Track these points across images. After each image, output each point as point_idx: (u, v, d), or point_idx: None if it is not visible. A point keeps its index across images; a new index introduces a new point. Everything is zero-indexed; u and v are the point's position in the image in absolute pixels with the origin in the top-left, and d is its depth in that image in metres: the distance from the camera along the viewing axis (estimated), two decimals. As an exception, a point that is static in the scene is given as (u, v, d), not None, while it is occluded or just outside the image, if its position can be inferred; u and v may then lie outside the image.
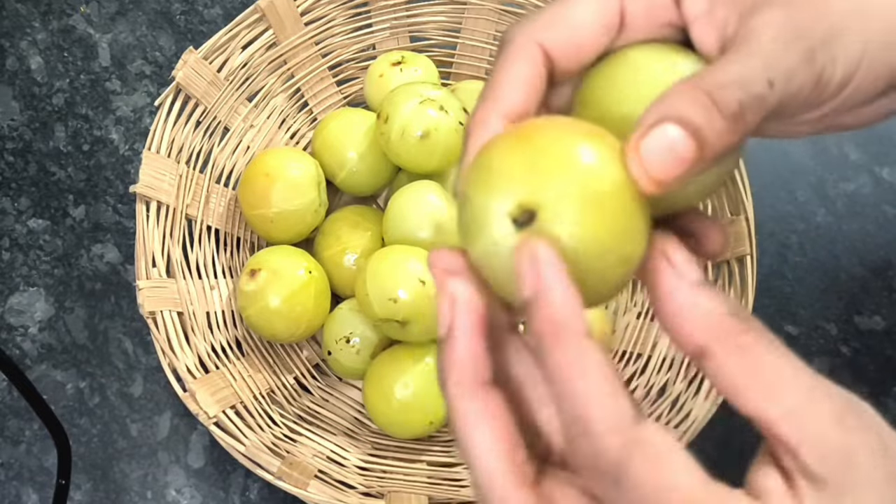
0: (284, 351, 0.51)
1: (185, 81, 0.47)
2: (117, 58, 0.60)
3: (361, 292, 0.45)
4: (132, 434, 0.51)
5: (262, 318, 0.47)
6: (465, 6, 0.55)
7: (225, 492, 0.49)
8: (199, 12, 0.61)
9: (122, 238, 0.55)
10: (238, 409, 0.44)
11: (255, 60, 0.51)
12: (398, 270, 0.44)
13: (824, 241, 0.56)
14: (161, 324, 0.44)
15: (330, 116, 0.53)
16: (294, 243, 0.51)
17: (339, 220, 0.51)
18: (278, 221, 0.49)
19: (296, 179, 0.49)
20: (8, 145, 0.57)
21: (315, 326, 0.49)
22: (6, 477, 0.50)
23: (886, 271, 0.55)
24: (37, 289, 0.54)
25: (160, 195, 0.46)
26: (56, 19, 0.60)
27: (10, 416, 0.51)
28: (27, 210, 0.56)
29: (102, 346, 0.53)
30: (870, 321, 0.54)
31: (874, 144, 0.58)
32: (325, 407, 0.50)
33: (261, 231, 0.51)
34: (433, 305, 0.43)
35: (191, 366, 0.44)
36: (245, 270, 0.48)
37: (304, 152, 0.52)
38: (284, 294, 0.46)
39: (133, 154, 0.57)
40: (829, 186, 0.57)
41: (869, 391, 0.52)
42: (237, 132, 0.52)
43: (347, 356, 0.48)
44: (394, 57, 0.53)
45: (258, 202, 0.49)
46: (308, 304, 0.47)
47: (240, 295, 0.48)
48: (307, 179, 0.49)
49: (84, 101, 0.58)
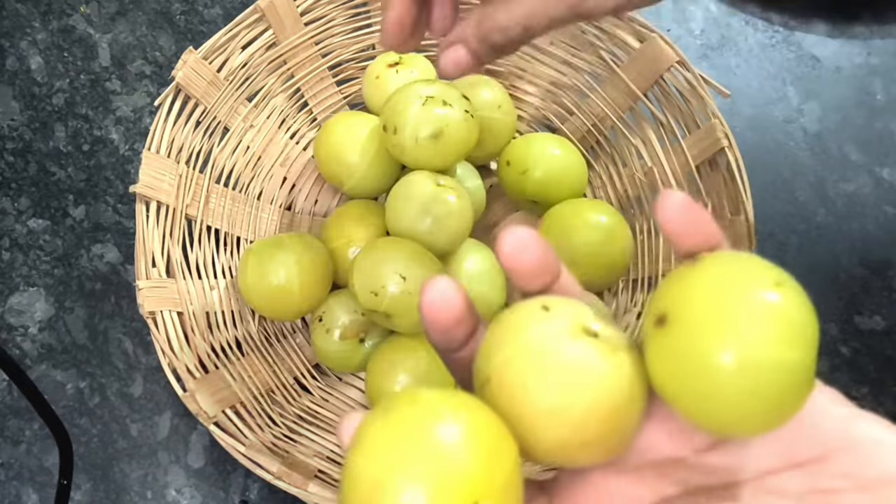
0: (284, 351, 0.51)
1: (185, 81, 0.47)
2: (117, 58, 0.60)
3: (351, 283, 0.46)
4: (132, 434, 0.51)
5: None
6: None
7: (225, 492, 0.49)
8: (199, 12, 0.61)
9: (122, 238, 0.55)
10: (238, 409, 0.44)
11: (255, 60, 0.51)
12: (381, 264, 0.44)
13: (824, 241, 0.56)
14: (161, 324, 0.44)
15: (331, 123, 0.52)
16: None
17: (345, 214, 0.51)
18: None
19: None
20: (8, 145, 0.57)
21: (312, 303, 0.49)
22: (6, 477, 0.50)
23: (886, 271, 0.55)
24: (37, 289, 0.54)
25: (160, 195, 0.46)
26: (56, 19, 0.61)
27: (11, 416, 0.51)
28: (27, 210, 0.56)
29: (102, 346, 0.53)
30: (870, 321, 0.54)
31: (874, 144, 0.58)
32: (325, 407, 0.50)
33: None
34: (413, 301, 0.44)
35: (191, 366, 0.44)
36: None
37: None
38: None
39: (133, 154, 0.57)
40: (829, 186, 0.57)
41: (869, 391, 0.52)
42: (237, 132, 0.52)
43: (319, 335, 0.49)
44: (391, 58, 0.53)
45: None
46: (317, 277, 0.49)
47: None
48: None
49: (84, 101, 0.58)
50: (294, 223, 0.56)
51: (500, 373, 0.21)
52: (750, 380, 0.19)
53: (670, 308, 0.21)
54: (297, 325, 0.53)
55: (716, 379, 0.19)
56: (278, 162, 0.55)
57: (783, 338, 0.19)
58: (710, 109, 0.48)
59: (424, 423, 0.19)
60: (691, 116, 0.49)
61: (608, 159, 0.55)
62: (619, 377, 0.21)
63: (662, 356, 0.21)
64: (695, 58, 0.60)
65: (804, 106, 0.59)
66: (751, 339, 0.19)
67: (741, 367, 0.19)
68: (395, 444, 0.19)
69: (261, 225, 0.54)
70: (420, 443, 0.19)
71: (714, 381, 0.20)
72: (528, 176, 0.52)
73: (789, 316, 0.20)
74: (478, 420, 0.20)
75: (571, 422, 0.21)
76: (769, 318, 0.19)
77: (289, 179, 0.56)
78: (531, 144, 0.53)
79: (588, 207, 0.51)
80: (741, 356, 0.19)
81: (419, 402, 0.20)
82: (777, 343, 0.19)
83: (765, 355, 0.19)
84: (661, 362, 0.21)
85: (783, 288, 0.20)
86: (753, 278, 0.20)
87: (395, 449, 0.19)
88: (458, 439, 0.19)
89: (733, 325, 0.19)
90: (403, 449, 0.19)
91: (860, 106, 0.59)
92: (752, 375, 0.19)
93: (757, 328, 0.19)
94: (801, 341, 0.20)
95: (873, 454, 0.21)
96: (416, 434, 0.19)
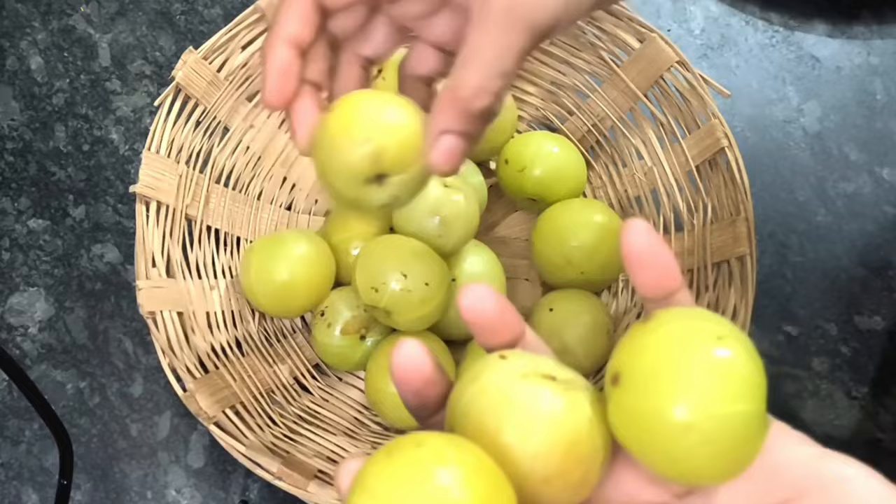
0: (284, 351, 0.51)
1: (185, 81, 0.47)
2: (117, 58, 0.60)
3: (353, 278, 0.46)
4: (132, 434, 0.51)
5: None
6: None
7: (225, 492, 0.49)
8: (199, 12, 0.61)
9: (122, 238, 0.55)
10: (238, 409, 0.44)
11: (255, 60, 0.51)
12: (383, 261, 0.45)
13: (824, 241, 0.56)
14: (161, 324, 0.44)
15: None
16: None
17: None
18: None
19: None
20: (8, 145, 0.57)
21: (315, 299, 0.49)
22: (6, 477, 0.50)
23: (886, 271, 0.55)
24: (37, 289, 0.54)
25: (160, 195, 0.46)
26: (56, 19, 0.61)
27: (10, 416, 0.51)
28: (27, 210, 0.56)
29: (102, 346, 0.53)
30: (870, 321, 0.54)
31: (874, 144, 0.58)
32: (324, 407, 0.50)
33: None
34: (412, 300, 0.44)
35: (191, 366, 0.44)
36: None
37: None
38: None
39: (133, 154, 0.57)
40: (829, 186, 0.57)
41: (869, 391, 0.52)
42: (237, 132, 0.52)
43: (320, 330, 0.49)
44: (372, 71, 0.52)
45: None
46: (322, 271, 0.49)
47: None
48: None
49: (84, 101, 0.58)
50: (294, 223, 0.56)
51: (462, 419, 0.22)
52: (701, 434, 0.20)
53: (624, 367, 0.22)
54: (297, 325, 0.53)
55: (668, 434, 0.20)
56: (278, 162, 0.55)
57: (730, 392, 0.20)
58: (710, 109, 0.48)
59: (429, 465, 0.20)
60: (691, 116, 0.49)
61: (608, 159, 0.55)
62: (575, 414, 0.22)
63: (619, 413, 0.22)
64: (695, 58, 0.60)
65: (804, 106, 0.59)
66: (698, 396, 0.20)
67: (691, 423, 0.20)
68: (400, 485, 0.20)
69: (261, 225, 0.54)
70: (425, 484, 0.20)
71: (667, 436, 0.20)
72: (526, 174, 0.52)
73: (735, 370, 0.20)
74: (480, 465, 0.20)
75: (529, 456, 0.21)
76: (715, 375, 0.20)
77: (289, 179, 0.56)
78: (529, 142, 0.53)
79: (582, 207, 0.51)
80: (690, 412, 0.20)
81: (424, 445, 0.21)
82: (724, 398, 0.20)
83: (714, 410, 0.20)
84: (618, 418, 0.22)
85: (727, 341, 0.21)
86: (699, 335, 0.21)
87: (400, 489, 0.20)
88: (461, 482, 0.20)
89: (681, 383, 0.20)
90: (409, 490, 0.20)
91: (860, 106, 0.59)
92: (703, 430, 0.20)
93: (703, 385, 0.20)
94: (748, 393, 0.20)
95: (844, 491, 0.21)
96: (421, 476, 0.20)
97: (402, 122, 0.30)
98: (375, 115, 0.29)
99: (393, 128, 0.29)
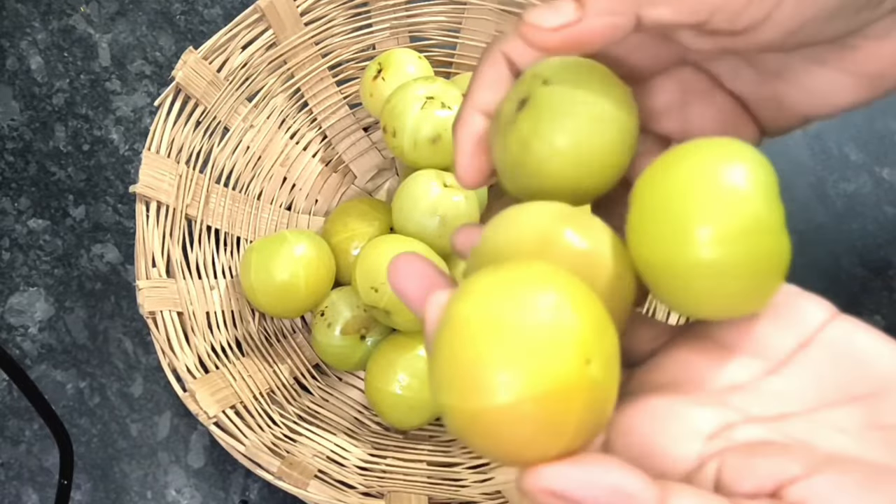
0: (284, 351, 0.51)
1: (185, 81, 0.47)
2: (117, 58, 0.60)
3: (354, 278, 0.46)
4: (132, 434, 0.51)
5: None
6: (465, 6, 0.55)
7: (225, 492, 0.49)
8: (199, 12, 0.61)
9: (122, 238, 0.55)
10: (238, 409, 0.44)
11: (255, 60, 0.51)
12: (382, 260, 0.45)
13: (824, 241, 0.56)
14: (161, 324, 0.44)
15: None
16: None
17: (349, 210, 0.52)
18: None
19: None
20: (8, 145, 0.57)
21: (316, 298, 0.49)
22: (6, 477, 0.50)
23: (886, 271, 0.55)
24: (37, 289, 0.54)
25: (160, 195, 0.46)
26: (56, 19, 0.61)
27: (10, 416, 0.51)
28: (27, 210, 0.56)
29: (102, 346, 0.53)
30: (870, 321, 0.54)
31: (874, 144, 0.58)
32: (325, 407, 0.50)
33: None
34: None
35: (191, 366, 0.44)
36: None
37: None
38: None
39: (133, 154, 0.57)
40: (829, 186, 0.57)
41: (869, 391, 0.52)
42: (237, 132, 0.52)
43: (320, 330, 0.49)
44: (372, 72, 0.52)
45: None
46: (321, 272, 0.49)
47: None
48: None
49: (84, 101, 0.58)
50: (294, 223, 0.56)
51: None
52: (728, 247, 0.22)
53: (645, 190, 0.23)
54: (297, 325, 0.53)
55: (693, 250, 0.21)
56: (278, 162, 0.55)
57: (757, 194, 0.22)
58: (710, 109, 0.48)
59: (539, 279, 0.19)
60: (691, 116, 0.49)
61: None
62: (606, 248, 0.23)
63: (640, 232, 0.22)
64: (695, 58, 0.60)
65: (804, 106, 0.59)
66: (721, 209, 0.22)
67: (716, 238, 0.21)
68: (510, 291, 0.19)
69: (261, 225, 0.54)
70: (537, 294, 0.19)
71: (692, 251, 0.21)
72: None
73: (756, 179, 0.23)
74: (586, 292, 0.20)
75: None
76: (732, 198, 0.22)
77: (289, 179, 0.56)
78: None
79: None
80: (716, 228, 0.22)
81: (532, 264, 0.20)
82: (750, 201, 0.22)
83: (739, 215, 0.22)
84: (639, 237, 0.22)
85: (744, 162, 0.23)
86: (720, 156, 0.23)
87: (510, 296, 0.19)
88: (571, 301, 0.19)
89: (700, 203, 0.22)
90: (520, 297, 0.19)
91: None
92: (729, 243, 0.22)
93: (724, 202, 0.22)
94: (771, 201, 0.23)
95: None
96: (533, 286, 0.19)
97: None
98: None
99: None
